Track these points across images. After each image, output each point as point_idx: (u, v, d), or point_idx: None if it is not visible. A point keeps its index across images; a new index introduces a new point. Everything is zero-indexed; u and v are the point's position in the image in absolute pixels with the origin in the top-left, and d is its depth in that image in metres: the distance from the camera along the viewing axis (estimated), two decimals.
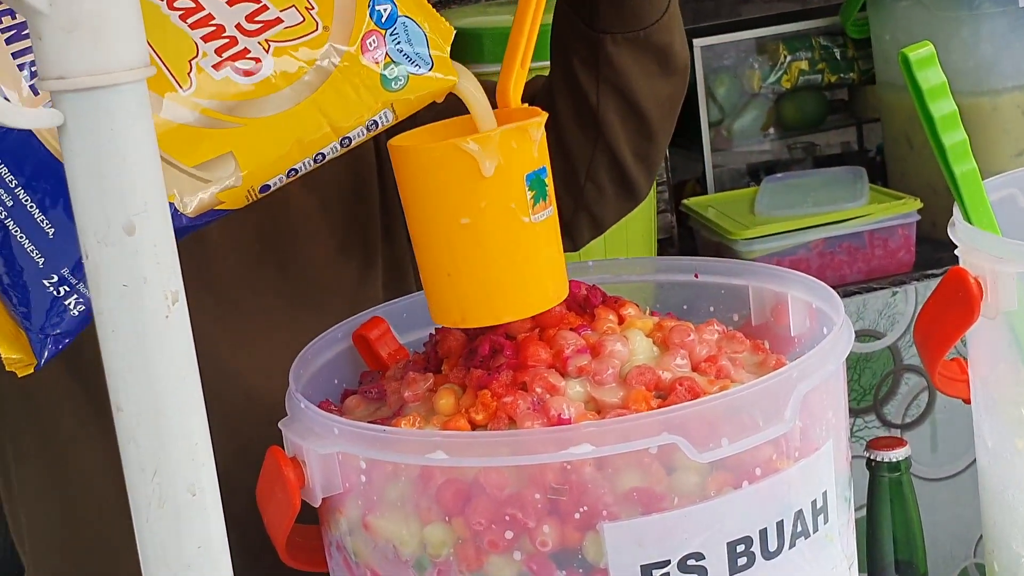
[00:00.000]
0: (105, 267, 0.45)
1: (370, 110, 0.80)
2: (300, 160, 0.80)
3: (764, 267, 0.91)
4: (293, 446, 0.76)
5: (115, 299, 0.45)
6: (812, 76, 2.31)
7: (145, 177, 0.45)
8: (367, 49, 0.79)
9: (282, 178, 0.81)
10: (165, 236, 0.45)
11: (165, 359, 0.46)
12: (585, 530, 0.69)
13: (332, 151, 0.81)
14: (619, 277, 0.97)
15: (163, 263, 0.45)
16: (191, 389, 0.47)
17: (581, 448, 0.68)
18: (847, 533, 0.78)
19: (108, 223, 0.44)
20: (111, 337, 0.45)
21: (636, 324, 0.83)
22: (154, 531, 0.47)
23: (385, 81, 0.80)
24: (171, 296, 0.45)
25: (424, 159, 0.78)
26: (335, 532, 0.78)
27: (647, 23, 1.05)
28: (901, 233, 1.94)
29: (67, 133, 0.44)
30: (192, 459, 0.47)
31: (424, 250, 0.80)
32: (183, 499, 0.47)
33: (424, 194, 0.78)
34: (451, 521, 0.71)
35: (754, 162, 2.37)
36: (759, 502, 0.71)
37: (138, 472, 0.46)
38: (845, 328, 0.79)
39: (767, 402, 0.71)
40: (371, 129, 0.81)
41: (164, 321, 0.45)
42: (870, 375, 1.90)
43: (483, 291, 0.78)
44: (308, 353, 0.88)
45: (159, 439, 0.46)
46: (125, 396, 0.46)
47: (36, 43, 0.43)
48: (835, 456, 0.76)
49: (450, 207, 0.77)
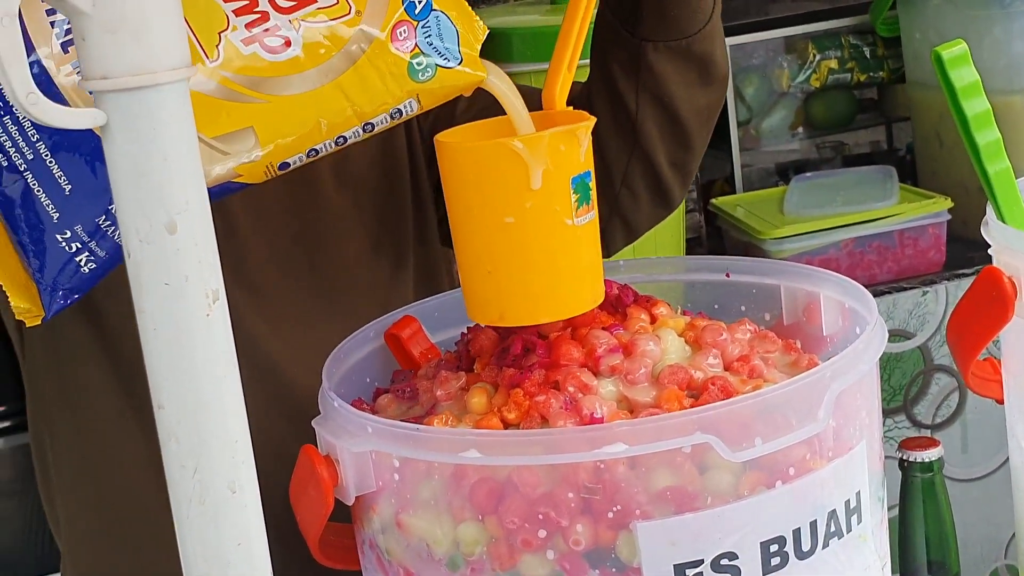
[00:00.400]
0: (147, 265, 0.45)
1: (395, 98, 0.80)
2: (321, 141, 0.80)
3: (796, 266, 0.91)
4: (327, 444, 0.77)
5: (157, 297, 0.45)
6: (841, 75, 2.30)
7: (186, 176, 0.45)
8: (397, 38, 0.79)
9: (302, 157, 0.81)
10: (206, 235, 0.46)
11: (206, 357, 0.46)
12: (618, 529, 0.69)
13: (354, 135, 0.81)
14: (650, 276, 0.97)
15: (204, 261, 0.46)
16: (231, 387, 0.47)
17: (615, 447, 0.68)
18: (880, 533, 0.78)
19: (150, 222, 0.45)
20: (153, 335, 0.46)
21: (668, 323, 0.83)
22: (194, 528, 0.47)
23: (412, 71, 0.80)
24: (212, 295, 0.46)
25: (472, 156, 0.78)
26: (368, 530, 0.78)
27: (690, 32, 1.05)
28: (931, 232, 1.94)
29: (110, 132, 0.45)
30: (232, 456, 0.47)
31: (465, 246, 0.80)
32: (223, 496, 0.47)
33: (469, 191, 0.78)
34: (484, 520, 0.71)
35: (783, 161, 2.36)
36: (793, 502, 0.71)
37: (179, 469, 0.47)
38: (879, 328, 0.78)
39: (801, 402, 0.71)
40: (395, 117, 0.81)
41: (205, 319, 0.46)
42: (900, 375, 1.89)
43: (522, 291, 0.78)
44: (341, 352, 0.88)
45: (200, 436, 0.47)
46: (166, 394, 0.46)
47: (79, 44, 0.44)
48: (868, 456, 0.75)
49: (495, 205, 0.77)
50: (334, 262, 1.13)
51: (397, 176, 1.17)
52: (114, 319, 1.06)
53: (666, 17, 1.03)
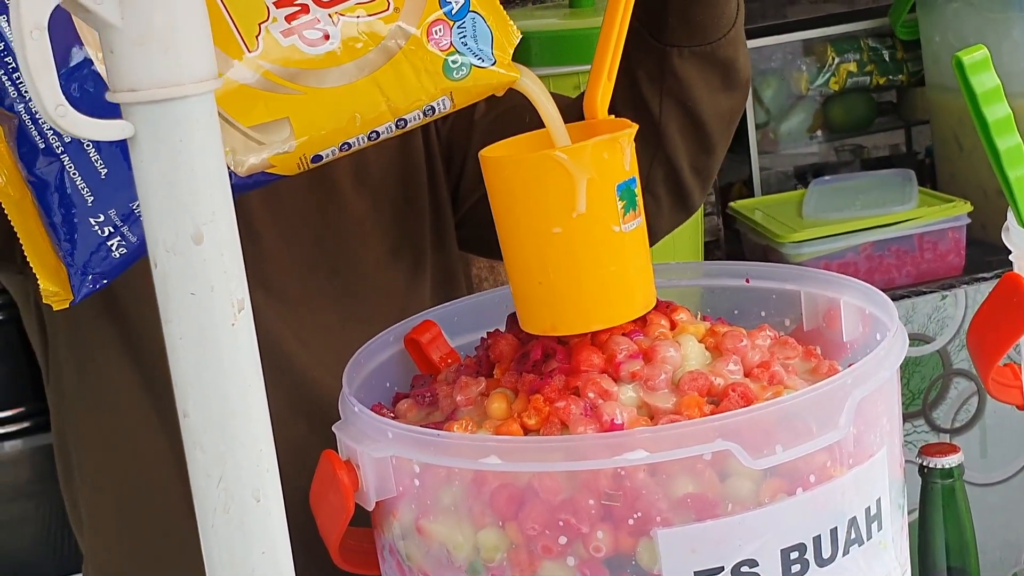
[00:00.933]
0: (173, 275, 0.45)
1: (429, 95, 0.81)
2: (355, 135, 0.81)
3: (816, 272, 0.91)
4: (347, 449, 0.77)
5: (183, 307, 0.46)
6: (860, 78, 2.30)
7: (212, 187, 0.45)
8: (432, 36, 0.79)
9: (335, 151, 0.81)
10: (231, 245, 0.46)
11: (231, 366, 0.47)
12: (639, 536, 0.69)
13: (387, 131, 0.82)
14: (669, 281, 0.97)
15: (229, 271, 0.46)
16: (256, 396, 0.47)
17: (635, 454, 0.68)
18: (901, 540, 0.78)
19: (176, 232, 0.45)
20: (179, 344, 0.46)
21: (688, 329, 0.83)
22: (219, 537, 0.47)
23: (448, 68, 0.80)
24: (237, 304, 0.46)
25: (517, 169, 0.79)
26: (388, 536, 0.78)
27: (714, 37, 1.05)
28: (951, 236, 1.93)
29: (137, 144, 0.45)
30: (257, 465, 0.47)
31: (515, 258, 0.81)
32: (248, 505, 0.47)
33: (516, 204, 0.79)
34: (504, 526, 0.72)
35: (801, 165, 2.36)
36: (813, 509, 0.71)
37: (204, 478, 0.47)
38: (900, 334, 0.78)
39: (821, 409, 0.71)
40: (428, 115, 0.82)
41: (230, 329, 0.46)
42: (919, 379, 1.89)
43: (574, 299, 0.79)
44: (361, 357, 0.89)
45: (225, 445, 0.47)
46: (192, 403, 0.47)
47: (108, 56, 0.44)
48: (889, 463, 0.75)
49: (542, 217, 0.78)
50: (354, 266, 1.14)
51: (415, 180, 1.17)
52: (136, 318, 1.07)
53: (692, 23, 1.04)
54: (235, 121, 0.78)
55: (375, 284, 1.15)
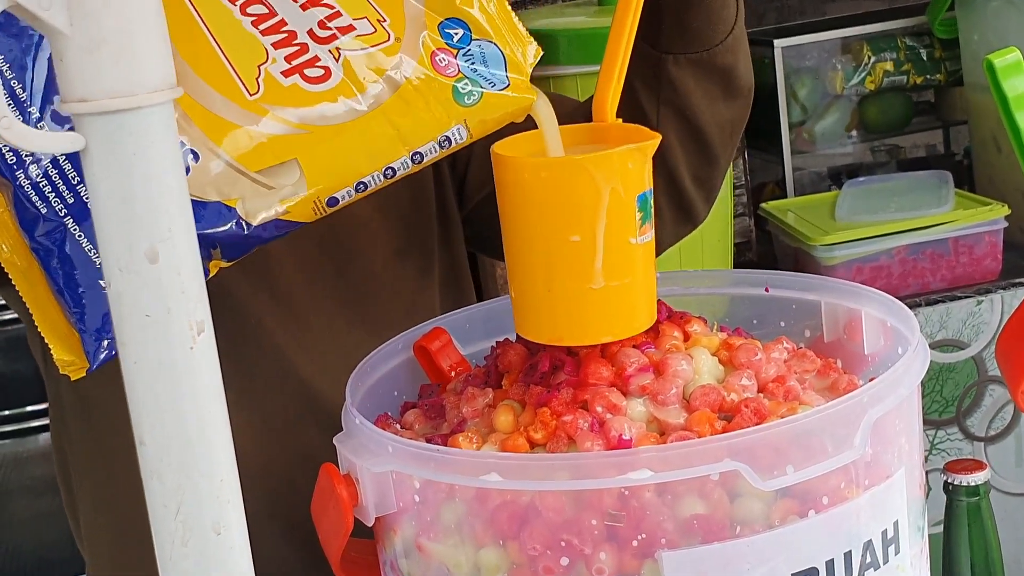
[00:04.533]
0: (127, 296, 0.43)
1: (442, 124, 0.78)
2: (369, 173, 0.78)
3: (837, 282, 0.88)
4: (347, 463, 0.75)
5: (137, 329, 0.43)
6: (897, 77, 2.26)
7: (169, 202, 0.43)
8: (438, 65, 0.77)
9: (351, 192, 0.78)
10: (190, 264, 0.44)
11: (190, 392, 0.44)
12: (643, 558, 0.67)
13: (403, 166, 0.79)
14: (688, 290, 0.95)
15: (188, 292, 0.43)
16: (218, 423, 0.45)
17: (640, 473, 0.66)
18: (920, 563, 0.75)
19: (130, 250, 0.43)
20: (133, 369, 0.44)
21: (702, 341, 0.80)
22: (177, 570, 0.45)
23: (457, 94, 0.78)
24: (196, 326, 0.44)
25: (539, 172, 0.75)
26: (390, 552, 0.76)
27: (711, 44, 1.02)
28: (988, 240, 1.89)
29: (89, 157, 0.43)
30: (217, 496, 0.45)
31: (522, 263, 0.77)
32: (208, 538, 0.45)
33: (531, 207, 0.76)
34: (505, 545, 0.69)
35: (836, 165, 2.32)
36: (826, 532, 0.68)
37: (161, 508, 0.45)
38: (920, 349, 0.75)
39: (836, 428, 0.68)
40: (444, 146, 0.79)
41: (188, 352, 0.44)
42: (953, 386, 1.85)
43: (583, 310, 0.76)
44: (367, 366, 0.86)
45: (183, 476, 0.45)
46: (148, 430, 0.44)
47: (57, 64, 0.42)
48: (908, 484, 0.72)
49: (561, 223, 0.74)
50: (360, 268, 1.12)
51: (421, 180, 1.16)
52: None
53: (687, 29, 1.01)
54: (242, 167, 0.75)
55: (382, 285, 1.13)
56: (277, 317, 1.06)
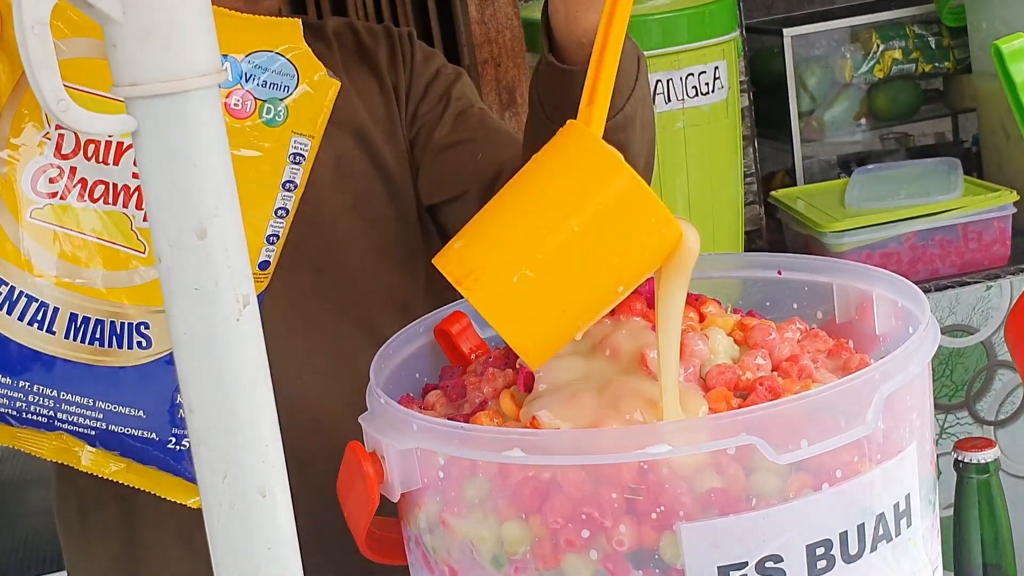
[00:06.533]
0: (177, 271, 0.45)
1: (279, 151, 0.86)
2: (267, 225, 0.87)
3: (849, 264, 0.90)
4: (372, 441, 0.77)
5: (187, 303, 0.46)
6: (906, 65, 2.27)
7: (216, 181, 0.45)
8: (234, 112, 0.84)
9: (268, 250, 0.88)
10: (236, 240, 0.46)
11: (236, 362, 0.46)
12: (662, 530, 0.69)
13: (286, 200, 0.87)
14: (703, 273, 0.96)
15: (234, 267, 0.46)
16: (262, 391, 0.47)
17: (658, 448, 0.68)
18: (931, 537, 0.77)
19: (180, 227, 0.45)
20: (183, 340, 0.46)
21: (717, 322, 0.82)
22: (225, 532, 0.47)
23: (269, 122, 0.85)
24: (242, 299, 0.46)
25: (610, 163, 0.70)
26: (414, 528, 0.78)
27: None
28: (996, 226, 1.91)
29: (140, 139, 0.45)
30: (263, 461, 0.47)
31: (513, 228, 0.72)
32: (253, 501, 0.47)
33: (563, 183, 0.71)
34: (528, 519, 0.71)
35: (845, 153, 2.34)
36: (839, 505, 0.70)
37: (209, 474, 0.47)
38: (931, 328, 0.77)
39: (849, 403, 0.70)
40: (298, 161, 0.87)
41: (235, 324, 0.46)
42: (962, 371, 1.87)
43: (551, 305, 0.71)
44: (389, 348, 0.88)
45: (230, 441, 0.47)
46: (197, 399, 0.46)
47: (110, 50, 0.44)
48: (919, 459, 0.74)
49: (575, 209, 0.70)
50: (337, 262, 1.14)
51: (400, 173, 1.20)
52: None
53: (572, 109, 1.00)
54: None
55: (365, 278, 1.16)
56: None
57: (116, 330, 0.85)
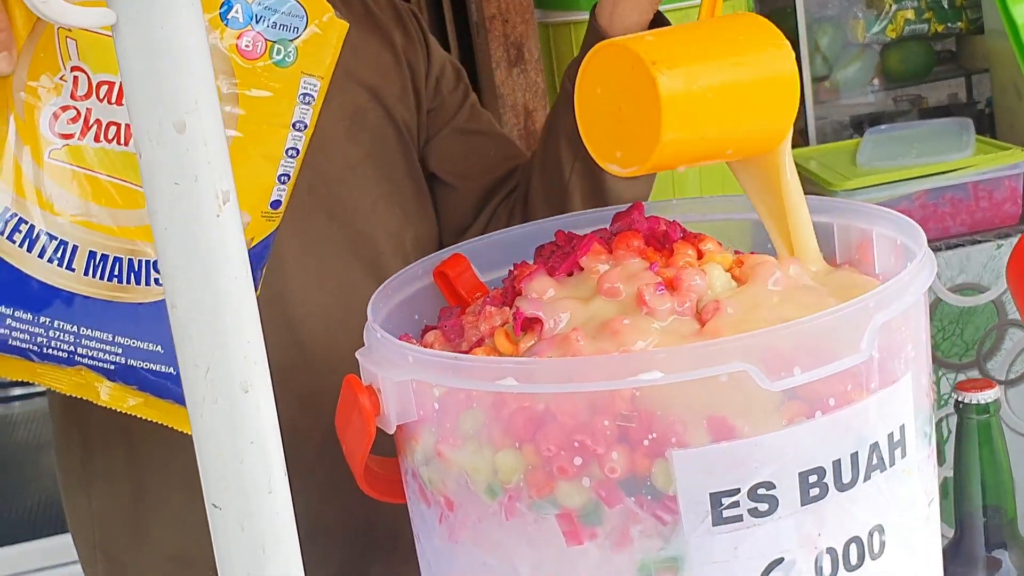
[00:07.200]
0: (157, 165, 0.46)
1: (290, 92, 0.87)
2: (278, 164, 0.88)
3: (849, 203, 0.90)
4: (369, 374, 0.77)
5: (167, 197, 0.46)
6: (918, 26, 2.26)
7: (195, 75, 0.45)
8: (245, 53, 0.85)
9: (280, 189, 0.88)
10: (215, 135, 0.46)
11: (217, 257, 0.47)
12: (654, 457, 0.69)
13: (296, 140, 0.88)
14: (705, 216, 0.96)
15: (214, 162, 0.46)
16: (243, 288, 0.47)
17: (651, 375, 0.68)
18: (927, 469, 0.77)
19: (159, 121, 0.45)
20: (164, 235, 0.46)
21: (715, 258, 0.82)
22: (208, 427, 0.48)
23: (280, 64, 0.86)
24: (222, 195, 0.46)
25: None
26: (410, 461, 0.79)
27: None
28: (1007, 184, 1.90)
29: (120, 32, 0.45)
30: (245, 357, 0.47)
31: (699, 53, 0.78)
32: (236, 396, 0.47)
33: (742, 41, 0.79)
34: (521, 448, 0.71)
35: (858, 114, 2.32)
36: (833, 432, 0.70)
37: (192, 368, 0.47)
38: (927, 261, 0.77)
39: (843, 332, 0.70)
40: (308, 102, 0.88)
41: (215, 220, 0.46)
42: (973, 329, 1.86)
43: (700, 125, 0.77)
44: (388, 289, 0.89)
45: (212, 336, 0.47)
46: (179, 294, 0.47)
47: None
48: (915, 390, 0.74)
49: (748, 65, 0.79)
50: (348, 210, 1.17)
51: (410, 124, 1.22)
52: None
53: None
54: None
55: (374, 226, 1.19)
56: (268, 265, 1.11)
57: (134, 267, 0.87)
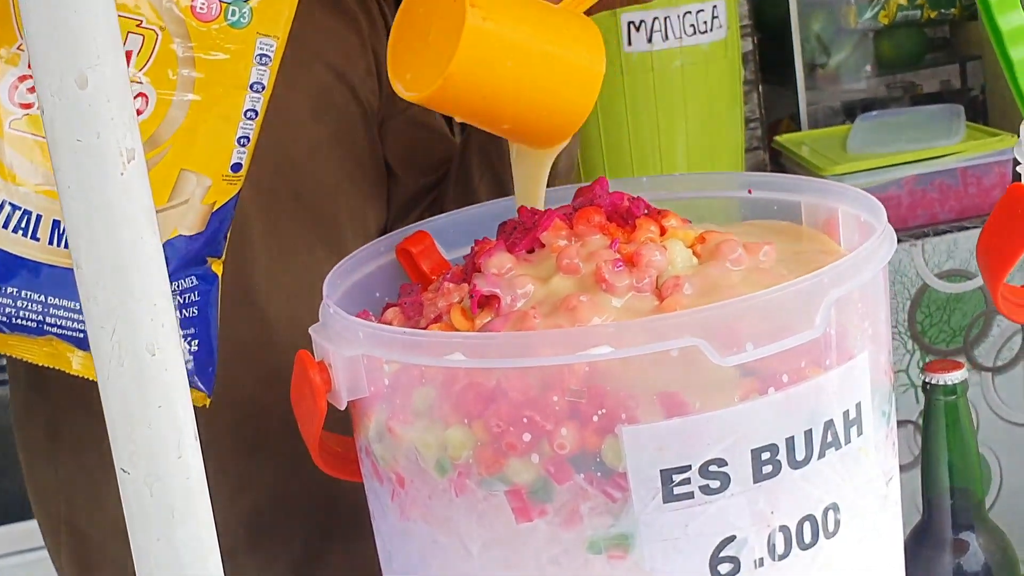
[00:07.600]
0: (59, 122, 0.45)
1: (246, 53, 0.87)
2: (236, 126, 0.88)
3: (816, 182, 0.89)
4: (321, 350, 0.76)
5: (69, 155, 0.45)
6: (911, 12, 2.24)
7: (97, 28, 0.44)
8: (200, 15, 0.85)
9: (240, 152, 0.89)
10: (119, 91, 0.45)
11: (123, 217, 0.46)
12: (604, 434, 0.68)
13: (254, 101, 0.88)
14: (673, 194, 0.95)
15: (117, 119, 0.45)
16: (150, 248, 0.46)
17: (600, 349, 0.67)
18: (886, 448, 0.76)
19: (61, 76, 0.44)
20: (67, 193, 0.45)
21: (677, 235, 0.81)
22: (115, 389, 0.47)
23: (235, 25, 0.86)
24: (126, 153, 0.45)
25: None
26: (364, 438, 0.78)
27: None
28: (997, 171, 1.88)
29: None
30: (151, 319, 0.46)
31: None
32: (144, 359, 0.47)
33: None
34: (471, 424, 0.70)
35: (851, 100, 2.31)
36: (786, 409, 0.69)
37: (98, 330, 0.46)
38: (886, 236, 0.76)
39: (796, 307, 0.69)
40: (264, 63, 0.88)
41: (119, 178, 0.45)
42: (960, 316, 1.85)
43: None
44: (346, 265, 0.88)
45: (118, 297, 0.46)
46: (84, 253, 0.46)
47: None
48: (872, 367, 0.73)
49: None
50: (314, 189, 1.16)
51: (372, 109, 1.22)
52: None
53: None
54: (159, 208, 0.85)
55: (339, 206, 1.19)
56: (233, 242, 1.10)
57: None
